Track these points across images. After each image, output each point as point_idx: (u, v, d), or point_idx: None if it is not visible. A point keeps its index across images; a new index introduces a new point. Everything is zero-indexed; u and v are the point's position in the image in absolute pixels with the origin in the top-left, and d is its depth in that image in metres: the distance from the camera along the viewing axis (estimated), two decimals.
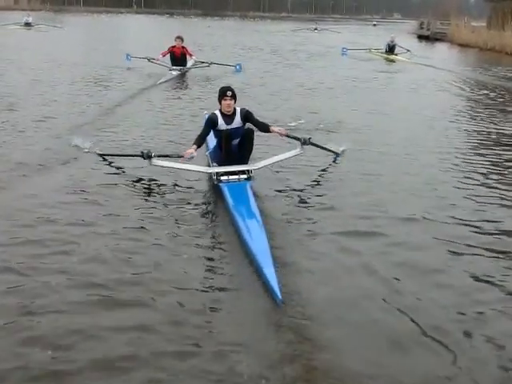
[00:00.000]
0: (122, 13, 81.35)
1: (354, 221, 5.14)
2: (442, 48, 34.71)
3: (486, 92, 14.81)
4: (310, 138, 6.08)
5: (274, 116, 9.46)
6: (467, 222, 5.25)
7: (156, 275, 4.01)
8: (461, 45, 35.02)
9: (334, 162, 6.94)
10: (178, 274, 4.06)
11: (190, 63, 15.16)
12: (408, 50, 22.70)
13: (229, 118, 5.77)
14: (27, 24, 33.40)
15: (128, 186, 5.90)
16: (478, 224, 5.22)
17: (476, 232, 5.07)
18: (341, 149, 7.08)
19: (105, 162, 6.54)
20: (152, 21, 60.85)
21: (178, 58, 14.67)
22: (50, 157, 6.74)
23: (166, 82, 13.44)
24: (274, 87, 13.36)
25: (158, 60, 14.53)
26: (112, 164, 6.49)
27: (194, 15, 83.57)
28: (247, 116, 5.83)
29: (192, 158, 5.63)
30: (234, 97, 5.75)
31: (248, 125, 5.92)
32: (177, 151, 6.43)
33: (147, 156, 5.79)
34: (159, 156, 5.91)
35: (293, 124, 8.95)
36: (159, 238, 4.62)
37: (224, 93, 5.75)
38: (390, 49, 22.99)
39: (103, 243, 4.50)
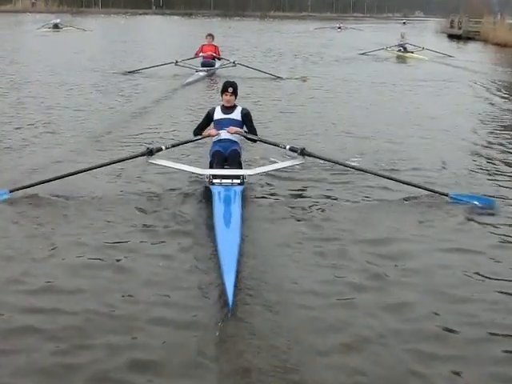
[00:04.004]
0: (140, 14, 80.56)
1: (337, 247, 4.60)
2: (476, 48, 32.62)
3: None
4: (303, 148, 5.75)
5: (319, 145, 7.80)
6: None
7: (118, 276, 4.00)
8: (497, 44, 32.92)
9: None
10: (143, 273, 4.07)
11: (217, 64, 15.29)
12: (423, 48, 22.32)
13: (228, 109, 6.06)
14: (56, 26, 34.99)
15: (115, 178, 6.02)
16: None
17: None
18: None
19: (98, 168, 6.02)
20: (171, 22, 59.85)
21: (208, 58, 14.81)
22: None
23: (193, 82, 13.40)
24: (307, 105, 11.54)
25: (197, 55, 14.86)
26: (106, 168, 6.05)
27: (213, 16, 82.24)
28: (247, 116, 6.05)
29: (217, 135, 5.91)
30: (234, 93, 6.02)
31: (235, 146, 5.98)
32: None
33: (157, 150, 5.72)
34: (173, 145, 6.01)
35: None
36: (131, 234, 4.69)
37: (225, 88, 6.03)
38: (404, 47, 22.63)
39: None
